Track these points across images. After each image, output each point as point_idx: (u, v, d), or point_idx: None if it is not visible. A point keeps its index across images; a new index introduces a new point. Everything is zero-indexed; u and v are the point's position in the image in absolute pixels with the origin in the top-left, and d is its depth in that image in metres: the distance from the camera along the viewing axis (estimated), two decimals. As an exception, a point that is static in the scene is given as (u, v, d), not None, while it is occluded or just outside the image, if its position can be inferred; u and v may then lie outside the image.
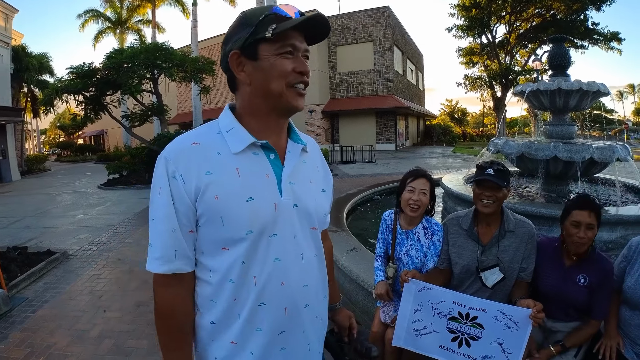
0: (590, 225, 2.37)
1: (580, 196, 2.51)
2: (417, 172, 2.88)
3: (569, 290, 2.53)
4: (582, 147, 5.49)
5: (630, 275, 2.50)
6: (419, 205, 2.77)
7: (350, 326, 1.83)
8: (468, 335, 2.39)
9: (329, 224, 1.73)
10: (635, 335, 2.47)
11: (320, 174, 1.54)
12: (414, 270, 2.65)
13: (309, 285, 1.38)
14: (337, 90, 32.57)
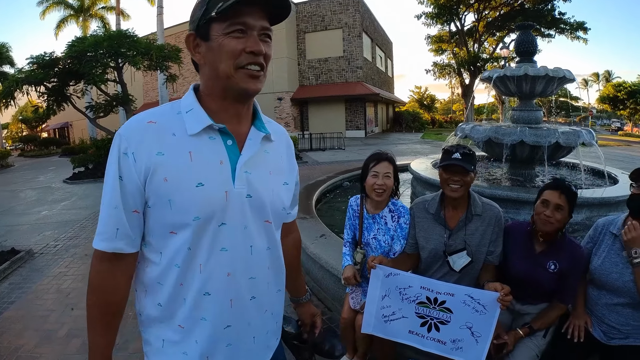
0: (558, 205, 2.38)
1: (555, 179, 2.55)
2: (379, 155, 2.82)
3: (538, 276, 2.53)
4: (548, 131, 5.57)
5: (596, 256, 2.56)
6: (384, 189, 2.73)
7: (313, 324, 1.84)
8: (437, 319, 2.37)
9: (298, 211, 1.67)
10: (602, 314, 2.53)
11: (285, 166, 1.46)
12: (380, 256, 2.61)
13: (257, 277, 1.34)
14: (306, 77, 32.37)
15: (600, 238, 2.59)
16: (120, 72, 15.59)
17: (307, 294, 1.86)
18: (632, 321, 2.43)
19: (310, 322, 1.85)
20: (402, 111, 45.82)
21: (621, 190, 5.32)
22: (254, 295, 1.34)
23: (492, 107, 35.38)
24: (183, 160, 1.19)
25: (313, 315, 1.85)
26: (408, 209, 2.85)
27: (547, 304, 2.63)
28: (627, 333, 2.45)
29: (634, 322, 2.43)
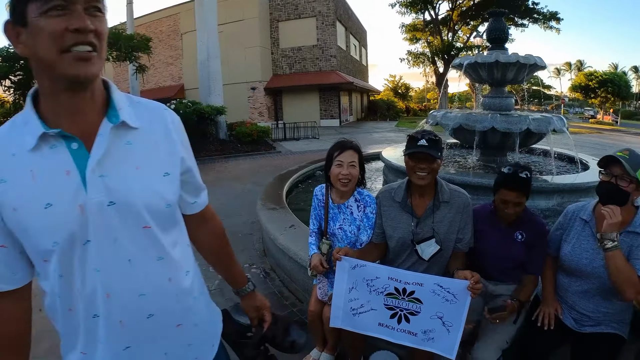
0: (518, 203, 2.47)
1: (509, 175, 2.49)
2: (343, 144, 2.73)
3: (508, 248, 2.60)
4: (519, 118, 5.60)
5: (566, 242, 2.54)
6: (349, 178, 2.65)
7: (261, 318, 1.72)
8: (407, 310, 2.33)
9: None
10: (573, 302, 2.52)
11: (161, 154, 1.22)
12: (346, 248, 2.54)
13: (150, 293, 1.19)
14: (279, 66, 31.94)
15: (570, 224, 2.57)
16: (88, 63, 15.04)
17: (248, 284, 1.73)
18: (603, 308, 2.42)
19: (257, 316, 1.73)
20: (377, 100, 45.88)
21: (592, 176, 5.36)
22: (151, 312, 1.20)
23: (467, 95, 35.74)
24: (25, 182, 1.04)
25: (259, 309, 1.72)
26: (374, 198, 2.78)
27: (518, 284, 2.67)
28: (598, 320, 2.44)
29: (604, 308, 2.42)
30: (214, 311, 1.53)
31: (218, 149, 15.45)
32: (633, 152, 2.28)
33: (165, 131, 1.25)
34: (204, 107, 15.57)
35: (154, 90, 33.00)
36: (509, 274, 2.70)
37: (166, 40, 33.90)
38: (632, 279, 2.13)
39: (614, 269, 2.16)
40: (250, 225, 6.51)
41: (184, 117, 14.48)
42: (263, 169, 12.27)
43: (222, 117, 17.02)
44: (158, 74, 34.45)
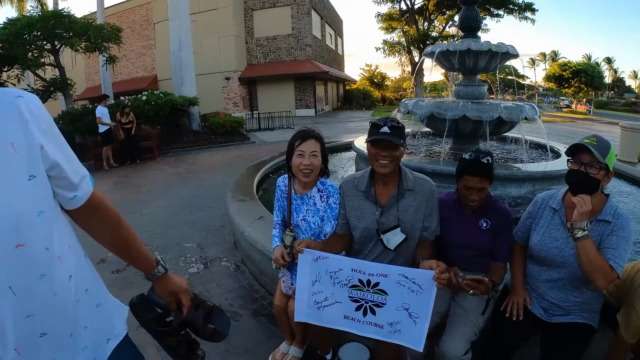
0: (481, 188, 2.46)
1: (471, 161, 2.47)
2: (305, 133, 2.64)
3: (473, 236, 2.59)
4: (490, 106, 5.59)
5: (535, 231, 2.53)
6: (311, 169, 2.56)
7: (179, 303, 1.60)
8: (372, 302, 2.29)
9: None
10: (542, 291, 2.50)
11: (21, 154, 1.03)
12: (308, 240, 2.45)
13: (36, 314, 1.10)
14: (254, 56, 31.61)
15: (540, 213, 2.55)
16: (57, 55, 14.59)
17: (158, 268, 1.58)
18: (573, 297, 2.41)
19: (174, 301, 1.61)
20: (353, 89, 45.92)
21: (564, 163, 5.27)
22: (43, 331, 1.12)
23: (442, 85, 36.00)
24: None
25: (174, 293, 1.60)
26: (337, 188, 2.70)
27: (487, 272, 2.62)
28: (568, 309, 2.43)
29: (574, 298, 2.41)
30: (105, 306, 1.45)
31: (191, 140, 15.18)
32: (600, 139, 2.25)
33: (21, 124, 1.04)
34: (177, 98, 15.22)
35: (126, 82, 32.29)
36: (475, 262, 2.67)
37: (138, 30, 33.18)
38: (603, 268, 2.11)
39: (585, 258, 2.13)
40: (221, 218, 6.39)
41: (156, 108, 14.18)
42: (236, 160, 12.13)
43: (195, 108, 16.70)
44: (130, 64, 33.72)
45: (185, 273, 4.60)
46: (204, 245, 5.45)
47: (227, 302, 4.00)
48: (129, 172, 10.78)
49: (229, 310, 3.84)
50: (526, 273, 2.65)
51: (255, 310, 3.86)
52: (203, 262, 4.91)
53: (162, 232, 5.96)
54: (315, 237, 2.68)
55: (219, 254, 5.13)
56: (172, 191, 8.54)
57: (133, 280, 4.43)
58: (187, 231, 5.98)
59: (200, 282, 4.39)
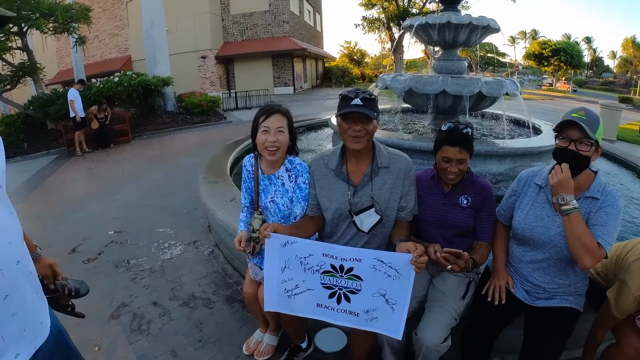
0: (461, 160, 2.32)
1: (450, 131, 2.34)
2: (269, 108, 2.42)
3: (454, 215, 2.46)
4: (470, 81, 5.48)
5: (520, 209, 2.39)
6: (277, 146, 2.35)
7: (54, 273, 1.88)
8: (346, 289, 2.15)
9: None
10: (526, 273, 2.37)
11: None
12: (275, 224, 2.25)
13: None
14: (230, 33, 30.84)
15: (524, 190, 2.42)
16: (24, 37, 13.95)
17: (37, 250, 1.87)
18: (559, 279, 2.29)
19: (51, 273, 1.88)
20: (332, 66, 45.40)
21: (544, 140, 5.33)
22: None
23: (422, 62, 35.98)
24: None
25: (50, 266, 1.88)
26: (306, 167, 2.51)
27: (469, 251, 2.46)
28: (554, 292, 2.32)
29: (560, 279, 2.29)
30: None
31: (166, 121, 14.78)
32: (589, 112, 2.11)
33: None
34: (150, 79, 14.72)
35: (99, 64, 31.27)
36: (456, 242, 2.50)
37: (110, 9, 31.88)
38: (589, 245, 1.99)
39: (571, 233, 2.02)
40: (194, 201, 6.18)
41: (128, 90, 13.71)
42: (212, 140, 11.81)
43: (170, 88, 16.24)
44: (103, 46, 32.69)
45: (157, 260, 4.42)
46: (177, 229, 5.27)
47: (199, 288, 3.85)
48: (102, 157, 10.42)
49: (202, 297, 3.71)
50: (509, 254, 2.52)
51: (229, 296, 3.72)
52: (176, 248, 4.73)
53: (135, 218, 5.76)
54: (284, 219, 2.51)
55: (192, 239, 4.96)
56: (145, 175, 8.27)
57: (104, 269, 4.27)
58: (160, 216, 5.78)
59: (173, 269, 4.22)
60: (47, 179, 8.47)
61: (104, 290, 3.85)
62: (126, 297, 3.75)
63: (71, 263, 4.41)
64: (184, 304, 3.62)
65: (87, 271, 4.23)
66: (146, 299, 3.71)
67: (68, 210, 6.24)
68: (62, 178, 8.51)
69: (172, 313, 3.50)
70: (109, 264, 4.37)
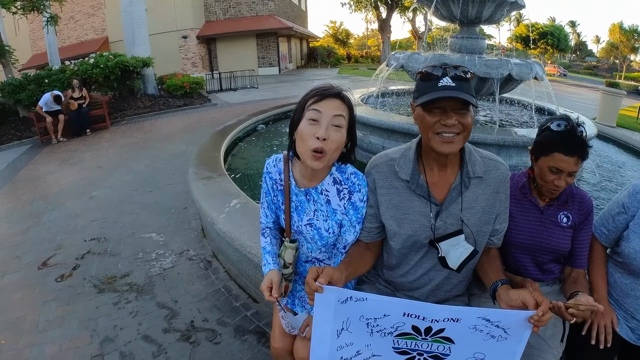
0: (573, 172, 1.78)
1: (567, 134, 1.74)
2: (325, 90, 1.64)
3: (551, 236, 1.93)
4: (499, 62, 4.95)
5: (636, 234, 1.86)
6: (324, 149, 1.58)
7: None
8: (429, 354, 1.55)
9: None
10: (634, 309, 1.92)
11: None
12: (328, 270, 1.50)
13: None
14: (212, 12, 29.69)
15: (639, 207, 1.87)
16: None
17: None
18: None
19: None
20: (317, 46, 44.49)
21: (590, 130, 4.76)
22: None
23: (408, 43, 35.74)
24: None
25: None
26: (364, 178, 1.78)
27: (562, 280, 2.03)
28: None
29: None
30: None
31: (147, 105, 13.81)
32: None
33: None
34: (128, 59, 13.66)
35: (75, 46, 29.84)
36: (550, 270, 2.00)
37: (85, -14, 30.46)
38: None
39: None
40: (184, 197, 5.46)
41: (106, 72, 12.72)
42: (198, 124, 11.03)
43: (150, 70, 15.22)
44: (79, 27, 31.20)
45: (144, 276, 3.71)
46: (166, 234, 4.54)
47: (200, 315, 3.17)
48: (78, 145, 9.46)
49: (204, 327, 3.04)
50: (609, 283, 2.03)
51: (238, 326, 3.06)
52: (166, 259, 4.01)
53: (115, 220, 4.99)
54: (325, 248, 1.83)
55: (184, 246, 4.26)
56: (126, 166, 7.44)
57: (80, 289, 3.55)
58: (145, 216, 5.04)
59: (164, 288, 3.52)
60: (18, 173, 7.57)
61: (82, 319, 3.15)
62: (110, 328, 3.05)
63: (42, 282, 3.67)
64: (182, 338, 2.93)
65: (61, 292, 3.52)
66: (135, 331, 3.01)
67: (41, 211, 5.44)
68: (35, 171, 7.59)
69: (169, 351, 2.81)
70: (86, 282, 3.64)
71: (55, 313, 3.24)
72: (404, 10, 39.04)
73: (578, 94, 27.39)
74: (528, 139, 4.32)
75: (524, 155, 4.41)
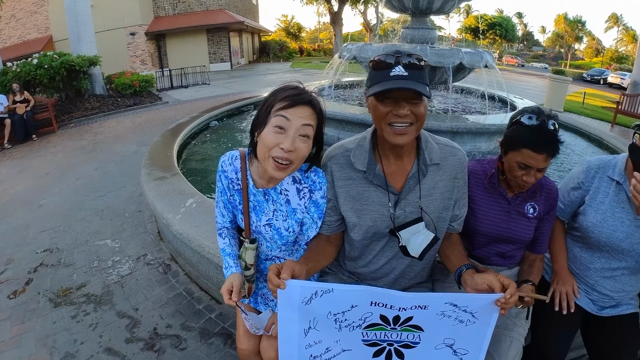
0: (542, 168, 1.77)
1: (537, 129, 1.72)
2: (297, 95, 1.54)
3: (517, 227, 1.95)
4: (451, 51, 5.02)
5: (592, 208, 1.98)
6: (291, 160, 1.53)
7: None
8: (398, 343, 1.57)
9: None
10: (594, 281, 2.04)
11: None
12: (289, 264, 1.45)
13: None
14: (161, 7, 28.91)
15: (595, 184, 1.99)
16: None
17: None
18: (629, 286, 2.01)
19: None
20: (269, 40, 44.14)
21: None
22: None
23: (360, 35, 36.09)
24: None
25: None
26: (324, 176, 1.74)
27: (520, 263, 2.10)
28: (619, 300, 2.03)
29: (630, 287, 2.01)
30: None
31: (95, 106, 13.23)
32: None
33: None
34: (74, 59, 13.09)
35: (18, 46, 28.19)
36: (512, 256, 2.06)
37: (27, -16, 29.03)
38: None
39: None
40: (138, 200, 5.30)
41: (50, 72, 12.17)
42: (149, 124, 10.73)
43: (97, 69, 14.65)
44: (21, 26, 29.58)
45: (102, 285, 3.56)
46: (121, 240, 4.38)
47: (163, 322, 3.07)
48: (24, 152, 8.96)
49: (168, 334, 2.95)
50: (569, 258, 2.14)
51: (203, 329, 2.99)
52: (123, 265, 3.87)
53: (66, 228, 4.76)
54: (285, 246, 1.80)
55: (141, 251, 4.12)
56: (76, 171, 7.12)
57: (35, 305, 3.36)
58: (98, 223, 4.83)
59: (124, 296, 3.39)
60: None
61: (39, 337, 2.98)
62: (70, 343, 2.89)
63: (-7, 297, 3.48)
64: (146, 347, 2.83)
65: (15, 310, 3.31)
66: (96, 344, 2.88)
67: (-15, 223, 5.13)
68: (-23, 181, 7.16)
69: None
70: (40, 297, 3.45)
71: (10, 333, 3.05)
72: (355, 3, 39.28)
73: (527, 81, 28.33)
74: (481, 125, 4.41)
75: (477, 141, 4.52)
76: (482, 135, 4.53)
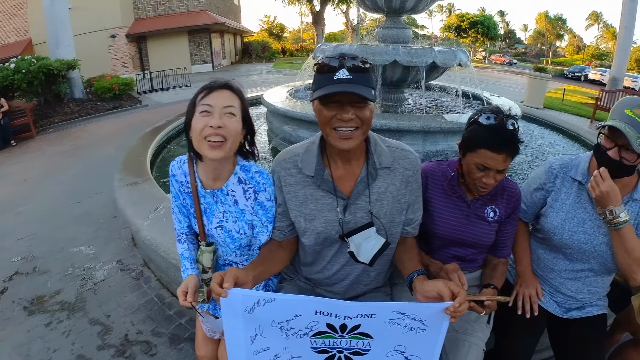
0: (502, 170, 1.72)
1: (495, 129, 1.67)
2: (213, 82, 1.62)
3: (477, 231, 1.92)
4: (423, 50, 5.05)
5: (554, 209, 1.97)
6: (222, 135, 1.54)
7: None
8: (349, 350, 1.54)
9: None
10: (558, 283, 2.02)
11: None
12: (232, 271, 1.43)
13: None
14: (142, 9, 28.64)
15: (557, 185, 1.97)
16: None
17: None
18: (594, 288, 1.98)
19: None
20: (251, 41, 44.06)
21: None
22: None
23: (343, 35, 36.15)
24: None
25: None
26: (269, 176, 1.74)
27: (482, 267, 2.07)
28: (585, 301, 2.01)
29: (595, 288, 1.99)
30: None
31: (74, 110, 13.09)
32: None
33: None
34: (52, 63, 12.92)
35: (-1, 49, 28.02)
36: (472, 259, 2.02)
37: (5, -15, 28.59)
38: None
39: (623, 248, 1.72)
40: (112, 205, 5.23)
41: (28, 77, 11.99)
42: (128, 127, 10.62)
43: (76, 72, 14.45)
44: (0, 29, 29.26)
45: (76, 292, 3.54)
46: (96, 246, 4.36)
47: (134, 328, 3.07)
48: (2, 158, 8.80)
49: (139, 340, 2.95)
50: (532, 259, 2.12)
51: (173, 335, 2.99)
52: (97, 272, 3.85)
53: (44, 235, 4.72)
54: (240, 250, 1.80)
55: (115, 257, 4.10)
56: (54, 177, 7.05)
57: (10, 314, 3.33)
58: (74, 229, 4.80)
59: (97, 303, 3.38)
60: None
61: (13, 346, 2.95)
62: (43, 351, 2.88)
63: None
64: (117, 354, 2.82)
65: (-14, 318, 3.28)
66: (68, 351, 2.86)
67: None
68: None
69: (103, 369, 2.70)
70: (15, 305, 3.42)
71: (-16, 342, 3.04)
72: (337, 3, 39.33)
73: (508, 79, 28.58)
74: (454, 124, 4.45)
75: (450, 140, 4.53)
76: (455, 134, 4.54)
